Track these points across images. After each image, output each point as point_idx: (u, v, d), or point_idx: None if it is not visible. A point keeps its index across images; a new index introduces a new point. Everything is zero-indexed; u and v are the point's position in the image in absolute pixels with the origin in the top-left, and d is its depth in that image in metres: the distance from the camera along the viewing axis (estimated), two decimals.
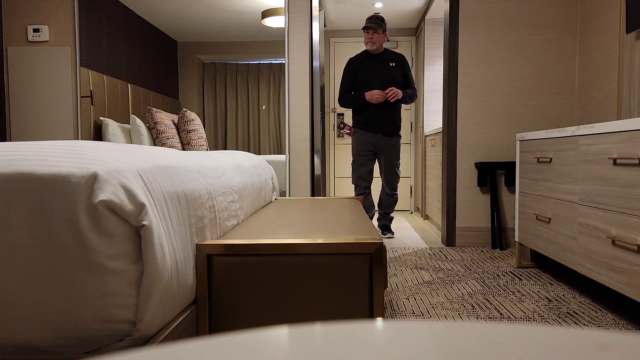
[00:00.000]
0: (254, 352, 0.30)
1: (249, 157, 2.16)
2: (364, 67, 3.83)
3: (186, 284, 1.12)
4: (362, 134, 3.83)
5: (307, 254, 1.23)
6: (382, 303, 1.22)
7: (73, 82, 3.66)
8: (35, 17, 3.66)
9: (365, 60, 3.86)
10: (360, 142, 3.83)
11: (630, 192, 1.78)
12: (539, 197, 2.59)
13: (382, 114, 3.79)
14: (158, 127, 3.59)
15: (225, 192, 1.51)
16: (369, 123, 3.79)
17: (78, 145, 1.00)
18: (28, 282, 0.89)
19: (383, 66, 3.82)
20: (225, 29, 4.05)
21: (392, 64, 3.84)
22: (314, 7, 3.64)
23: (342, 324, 0.35)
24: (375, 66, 3.81)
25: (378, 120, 3.78)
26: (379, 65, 3.81)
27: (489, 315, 2.07)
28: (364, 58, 3.87)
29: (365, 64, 3.83)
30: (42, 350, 0.93)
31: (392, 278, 2.68)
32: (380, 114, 3.79)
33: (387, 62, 3.84)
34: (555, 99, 3.48)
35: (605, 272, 1.94)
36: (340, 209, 2.08)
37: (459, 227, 3.56)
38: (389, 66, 3.82)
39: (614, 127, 1.87)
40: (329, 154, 5.93)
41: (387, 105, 3.79)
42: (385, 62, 3.84)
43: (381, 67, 3.81)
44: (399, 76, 3.83)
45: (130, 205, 0.92)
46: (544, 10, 3.46)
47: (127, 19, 3.92)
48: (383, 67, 3.82)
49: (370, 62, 3.84)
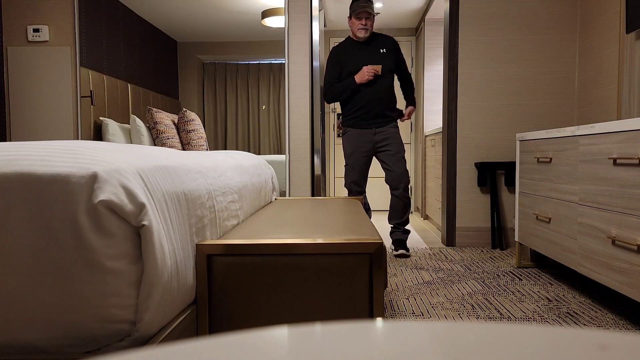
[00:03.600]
0: (254, 352, 0.30)
1: (248, 157, 2.16)
2: (350, 57, 3.31)
3: (186, 284, 1.12)
4: (353, 134, 3.30)
5: (307, 254, 1.23)
6: (382, 303, 1.22)
7: (73, 82, 3.66)
8: (35, 17, 3.66)
9: (351, 48, 3.33)
10: (351, 142, 3.31)
11: (630, 192, 1.78)
12: (539, 197, 2.59)
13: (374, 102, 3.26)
14: (158, 127, 3.59)
15: (225, 192, 1.51)
16: (360, 117, 3.28)
17: (78, 145, 1.00)
18: (28, 282, 0.89)
19: (372, 54, 3.30)
20: (225, 29, 4.05)
21: (383, 50, 3.31)
22: (314, 7, 3.64)
23: (342, 324, 0.35)
24: (364, 55, 3.29)
25: (369, 111, 3.27)
26: (368, 54, 3.29)
27: (489, 315, 2.07)
28: (350, 46, 3.34)
29: (352, 53, 3.31)
30: (42, 350, 0.93)
31: (392, 278, 2.68)
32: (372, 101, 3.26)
33: (377, 48, 3.31)
34: (555, 99, 3.48)
35: (605, 272, 1.94)
36: (340, 209, 2.08)
37: (459, 227, 3.56)
38: (380, 53, 3.30)
39: (614, 127, 1.87)
40: (329, 154, 5.93)
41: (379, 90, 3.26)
42: (374, 49, 3.31)
43: (370, 55, 3.29)
44: (391, 64, 3.30)
45: (130, 205, 0.92)
46: (544, 10, 3.46)
47: (127, 19, 3.92)
48: (372, 54, 3.29)
49: (358, 50, 3.30)
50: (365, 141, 3.28)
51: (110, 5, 3.83)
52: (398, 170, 3.23)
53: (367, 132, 3.28)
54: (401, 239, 3.29)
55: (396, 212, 3.30)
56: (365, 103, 3.26)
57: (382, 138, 3.29)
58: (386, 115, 3.31)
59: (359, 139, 3.29)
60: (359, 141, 3.29)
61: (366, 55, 3.30)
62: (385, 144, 3.28)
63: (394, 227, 3.33)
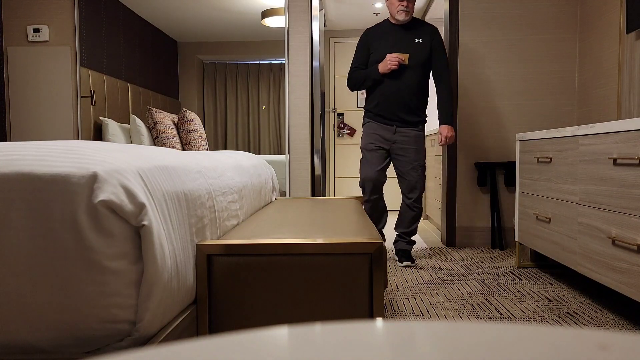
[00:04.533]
0: (254, 352, 0.30)
1: (248, 157, 2.16)
2: (380, 42, 2.88)
3: (186, 284, 1.12)
4: (373, 126, 2.95)
5: (307, 254, 1.23)
6: (382, 303, 1.22)
7: (73, 82, 3.66)
8: (35, 17, 3.66)
9: (383, 32, 2.90)
10: (368, 134, 2.96)
11: (630, 192, 1.78)
12: (539, 197, 2.59)
13: (395, 98, 2.86)
14: (158, 127, 3.59)
15: (225, 192, 1.51)
16: (378, 113, 2.92)
17: (78, 145, 1.00)
18: (28, 282, 0.89)
19: (406, 41, 2.85)
20: (225, 29, 4.05)
21: (419, 40, 2.85)
22: (314, 7, 3.65)
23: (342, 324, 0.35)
24: (396, 41, 2.86)
25: (388, 107, 2.88)
26: (401, 41, 2.85)
27: (489, 315, 2.06)
28: (383, 30, 2.91)
29: (383, 37, 2.89)
30: (42, 350, 0.93)
31: (392, 278, 2.68)
32: (393, 97, 2.86)
33: (413, 36, 2.86)
34: (555, 99, 3.48)
35: (605, 272, 1.94)
36: (340, 209, 2.08)
37: (459, 227, 3.56)
38: (414, 42, 2.85)
39: (614, 127, 1.87)
40: (329, 154, 5.93)
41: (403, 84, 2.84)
42: (410, 36, 2.86)
43: (403, 42, 2.85)
44: (424, 57, 2.84)
45: (130, 205, 0.92)
46: (544, 10, 3.46)
47: (127, 19, 3.92)
48: (405, 42, 2.85)
49: (390, 35, 2.88)
50: (385, 136, 2.91)
51: (110, 5, 3.83)
52: (412, 180, 2.90)
53: (387, 128, 2.91)
54: (405, 250, 3.00)
55: (404, 220, 3.00)
56: (385, 97, 2.87)
57: (400, 139, 2.89)
58: (404, 119, 2.88)
59: (378, 132, 2.93)
60: (378, 135, 2.92)
61: (398, 41, 2.85)
62: (402, 147, 2.90)
63: (399, 235, 3.04)
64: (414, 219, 2.98)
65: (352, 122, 5.94)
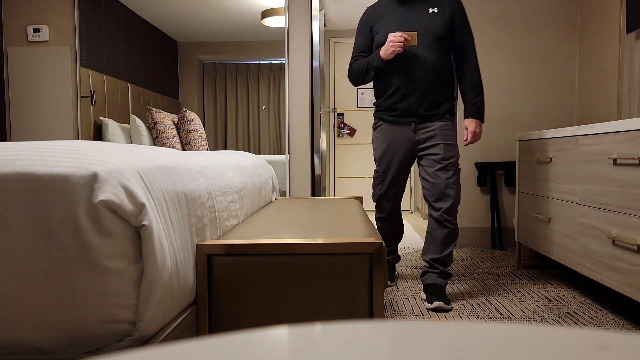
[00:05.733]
0: (254, 352, 0.30)
1: (248, 157, 2.16)
2: (384, 20, 2.28)
3: (186, 284, 1.12)
4: (386, 129, 2.32)
5: (307, 254, 1.23)
6: (382, 303, 1.22)
7: (73, 82, 3.66)
8: (35, 17, 3.66)
9: (387, 8, 2.30)
10: (382, 140, 2.33)
11: (630, 192, 1.78)
12: (539, 197, 2.59)
13: (411, 87, 2.22)
14: (158, 127, 3.59)
15: (225, 192, 1.51)
16: (391, 109, 2.29)
17: (78, 145, 1.00)
18: (28, 282, 0.89)
19: (416, 15, 2.23)
20: (225, 29, 4.06)
21: (433, 10, 2.22)
22: (314, 7, 3.64)
23: (342, 324, 0.35)
24: (406, 17, 2.24)
25: (403, 100, 2.24)
26: (410, 15, 2.24)
27: (489, 315, 2.06)
28: (387, 5, 2.31)
29: (388, 14, 2.28)
30: (42, 350, 0.93)
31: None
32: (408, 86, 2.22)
33: (426, 7, 2.24)
34: (555, 99, 3.48)
35: (605, 272, 1.94)
36: (340, 209, 2.08)
37: (459, 227, 3.56)
38: (427, 13, 2.22)
39: (614, 127, 1.87)
40: (329, 154, 5.93)
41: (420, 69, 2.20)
42: (421, 8, 2.24)
43: (413, 17, 2.23)
44: (441, 29, 2.19)
45: (130, 205, 0.92)
46: (544, 10, 3.46)
47: (127, 19, 3.92)
48: (415, 16, 2.23)
49: (397, 10, 2.27)
50: (402, 140, 2.29)
51: (110, 5, 3.83)
52: (439, 184, 2.18)
53: (404, 129, 2.28)
54: (436, 285, 2.19)
55: (433, 242, 2.24)
56: (396, 88, 2.24)
57: (425, 137, 2.26)
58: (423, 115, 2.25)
59: (393, 137, 2.30)
60: (394, 140, 2.30)
61: (408, 17, 2.23)
62: (430, 144, 2.24)
63: (429, 265, 2.26)
64: (448, 239, 2.21)
65: (352, 122, 5.94)
